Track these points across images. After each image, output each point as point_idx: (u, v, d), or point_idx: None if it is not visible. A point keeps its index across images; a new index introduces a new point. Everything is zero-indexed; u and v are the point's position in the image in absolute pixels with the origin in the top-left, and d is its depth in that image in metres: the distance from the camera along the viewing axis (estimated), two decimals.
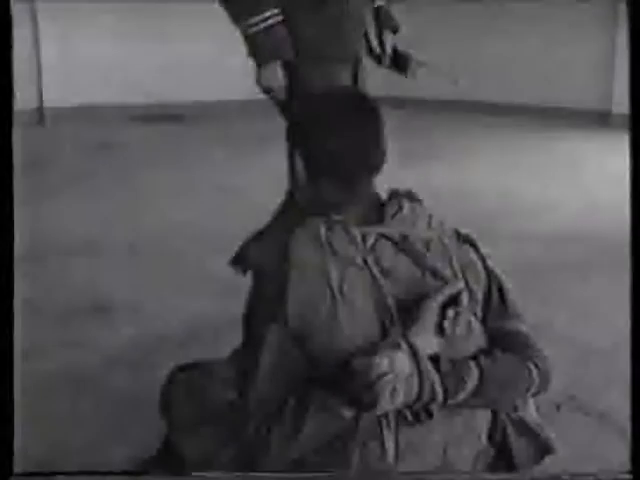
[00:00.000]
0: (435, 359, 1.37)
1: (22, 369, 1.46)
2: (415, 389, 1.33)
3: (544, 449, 1.52)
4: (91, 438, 2.01)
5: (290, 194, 2.41)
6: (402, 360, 1.32)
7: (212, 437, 1.47)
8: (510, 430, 1.48)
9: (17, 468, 1.44)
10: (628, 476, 1.46)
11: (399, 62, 2.69)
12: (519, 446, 1.49)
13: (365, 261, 1.45)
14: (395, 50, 2.67)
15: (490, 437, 1.47)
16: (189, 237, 3.85)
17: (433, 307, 1.40)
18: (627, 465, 1.50)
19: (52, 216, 4.18)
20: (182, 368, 1.72)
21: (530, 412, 1.53)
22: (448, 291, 1.43)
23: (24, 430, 1.47)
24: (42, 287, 3.01)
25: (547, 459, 1.56)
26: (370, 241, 1.47)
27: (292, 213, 1.93)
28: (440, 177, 5.12)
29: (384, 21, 2.65)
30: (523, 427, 1.50)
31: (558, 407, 2.14)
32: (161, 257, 3.58)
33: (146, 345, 2.58)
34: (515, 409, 1.49)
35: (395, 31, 2.67)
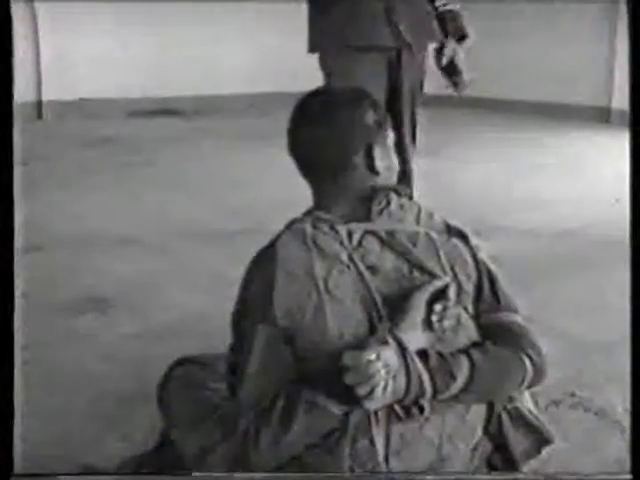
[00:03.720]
0: (424, 354, 1.36)
1: (22, 367, 1.46)
2: (403, 385, 1.32)
3: (542, 441, 1.51)
4: (90, 434, 2.01)
5: None
6: (390, 356, 1.32)
7: (208, 433, 1.47)
8: (506, 422, 1.47)
9: (17, 468, 1.45)
10: (628, 476, 1.46)
11: (452, 74, 2.65)
12: (516, 438, 1.48)
13: (351, 258, 1.44)
14: (452, 61, 2.62)
15: (486, 430, 1.46)
16: (188, 233, 3.85)
17: (420, 302, 1.40)
18: (625, 461, 1.50)
19: (51, 210, 4.18)
20: (180, 362, 1.73)
21: (526, 403, 1.52)
22: (435, 285, 1.43)
23: (24, 428, 1.47)
24: (42, 281, 3.01)
25: (546, 455, 1.56)
26: (356, 238, 1.47)
27: None
28: (438, 173, 5.11)
29: (449, 27, 2.61)
30: (519, 419, 1.49)
31: (557, 404, 2.14)
32: (161, 252, 3.58)
33: (145, 339, 2.58)
34: (510, 400, 1.48)
35: (461, 39, 2.63)
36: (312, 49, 2.61)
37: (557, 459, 1.66)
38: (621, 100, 7.43)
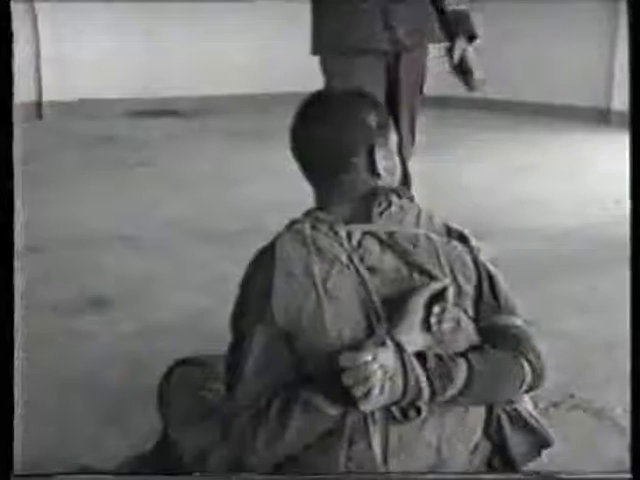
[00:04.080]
0: (422, 356, 1.36)
1: (22, 367, 1.46)
2: (400, 387, 1.32)
3: (541, 442, 1.51)
4: (90, 434, 2.01)
5: None
6: (387, 357, 1.31)
7: (208, 433, 1.47)
8: (506, 424, 1.46)
9: (17, 468, 1.44)
10: (628, 476, 1.46)
11: (464, 73, 2.64)
12: (516, 440, 1.47)
13: (350, 259, 1.44)
14: (462, 59, 2.63)
15: (486, 432, 1.46)
16: (188, 233, 3.85)
17: (419, 303, 1.39)
18: (625, 461, 1.49)
19: (51, 210, 4.17)
20: (180, 363, 1.73)
21: (525, 405, 1.52)
22: (433, 287, 1.42)
23: (24, 428, 1.47)
24: (42, 281, 3.01)
25: (546, 456, 1.56)
26: (356, 239, 1.47)
27: None
28: (438, 173, 5.11)
29: (457, 28, 2.60)
30: (519, 420, 1.48)
31: (557, 405, 2.14)
32: (161, 252, 3.58)
33: (145, 339, 2.58)
34: (510, 402, 1.48)
35: (471, 38, 2.63)
36: (314, 51, 2.61)
37: (557, 460, 1.66)
38: (621, 100, 7.43)
